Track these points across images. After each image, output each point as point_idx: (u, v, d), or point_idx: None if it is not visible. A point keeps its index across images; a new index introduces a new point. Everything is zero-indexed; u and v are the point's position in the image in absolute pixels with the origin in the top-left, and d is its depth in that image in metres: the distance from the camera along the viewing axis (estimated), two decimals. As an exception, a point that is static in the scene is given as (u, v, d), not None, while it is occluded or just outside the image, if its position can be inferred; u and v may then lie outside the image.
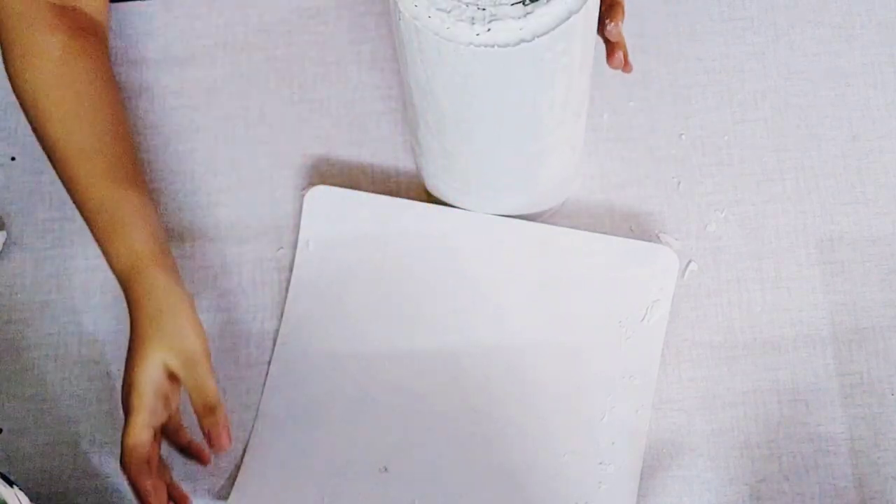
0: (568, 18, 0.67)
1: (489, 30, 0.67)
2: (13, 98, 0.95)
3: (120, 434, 0.79)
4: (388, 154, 0.93)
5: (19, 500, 0.70)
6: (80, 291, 0.90)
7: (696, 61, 0.95)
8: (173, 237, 0.91)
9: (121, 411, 0.84)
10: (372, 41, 0.96)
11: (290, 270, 0.89)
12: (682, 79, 0.94)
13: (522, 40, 0.67)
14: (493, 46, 0.67)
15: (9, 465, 0.85)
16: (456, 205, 0.88)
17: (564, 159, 0.84)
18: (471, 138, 0.77)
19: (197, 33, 0.97)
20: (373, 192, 0.91)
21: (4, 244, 0.91)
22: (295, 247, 0.90)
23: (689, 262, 0.89)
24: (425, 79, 0.73)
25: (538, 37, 0.67)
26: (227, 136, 0.94)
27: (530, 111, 0.74)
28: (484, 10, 0.67)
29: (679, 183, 0.91)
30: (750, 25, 0.95)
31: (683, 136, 0.92)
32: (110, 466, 0.85)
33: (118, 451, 0.83)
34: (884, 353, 0.85)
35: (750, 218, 0.90)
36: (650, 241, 0.87)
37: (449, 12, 0.67)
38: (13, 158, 0.94)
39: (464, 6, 0.67)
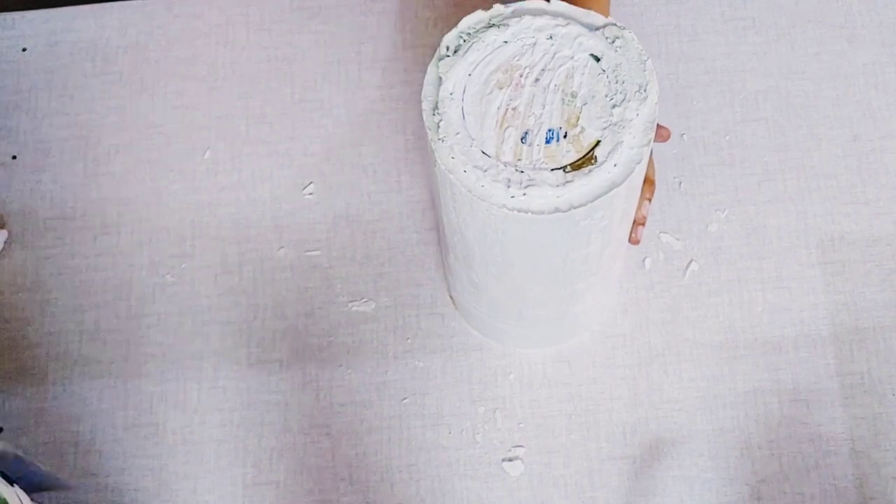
0: (609, 191, 0.64)
1: (525, 194, 0.64)
2: (14, 97, 0.96)
3: (123, 433, 0.79)
4: (388, 153, 0.93)
5: (20, 498, 0.70)
6: (80, 290, 0.90)
7: (697, 61, 0.95)
8: (174, 236, 0.91)
9: (123, 411, 0.85)
10: (372, 40, 0.96)
11: (291, 270, 0.89)
12: (682, 79, 0.94)
13: (557, 209, 0.64)
14: (526, 212, 0.64)
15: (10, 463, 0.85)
16: (482, 327, 0.87)
17: (598, 297, 0.82)
18: (500, 279, 0.75)
19: (198, 32, 0.98)
20: (374, 192, 0.91)
21: (5, 243, 0.91)
22: (296, 246, 0.90)
23: (691, 261, 0.89)
24: (457, 222, 0.70)
25: (574, 208, 0.64)
26: (227, 136, 0.94)
27: (563, 265, 0.72)
28: (522, 172, 0.64)
29: (680, 183, 0.91)
30: (751, 25, 0.96)
31: (685, 136, 0.92)
32: (111, 465, 0.85)
33: (120, 448, 0.85)
34: (885, 353, 0.86)
35: (751, 218, 0.90)
36: (652, 241, 0.88)
37: (485, 171, 0.64)
38: (14, 157, 0.94)
39: (501, 166, 0.64)
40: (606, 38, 0.67)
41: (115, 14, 0.98)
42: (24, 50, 0.97)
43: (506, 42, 0.67)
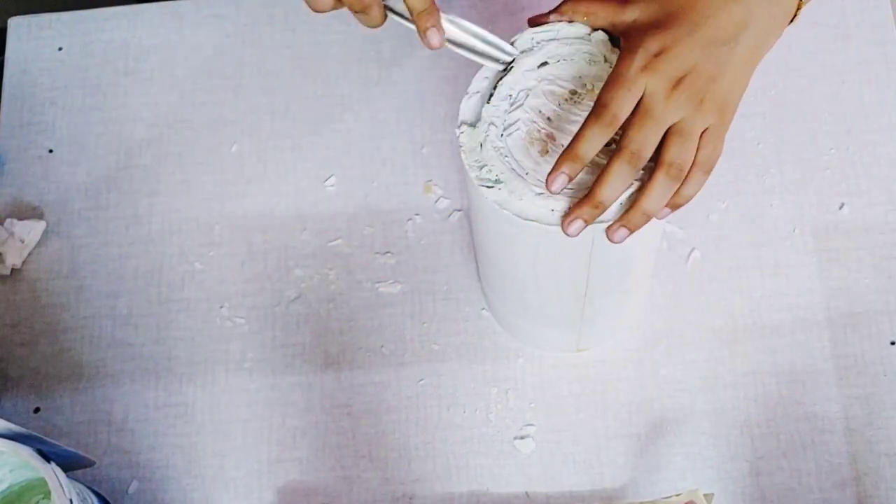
0: None
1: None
2: (50, 94, 0.96)
3: (154, 413, 0.80)
4: (405, 147, 0.94)
5: (56, 475, 0.71)
6: (114, 277, 0.92)
7: (699, 59, 0.96)
8: (202, 225, 0.93)
9: (154, 391, 0.86)
10: (391, 40, 0.97)
11: (313, 258, 0.91)
12: (685, 76, 0.96)
13: (603, 220, 0.66)
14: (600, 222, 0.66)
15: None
16: (521, 334, 0.87)
17: (640, 298, 0.86)
18: (559, 294, 0.77)
19: (225, 32, 0.99)
20: (392, 183, 0.93)
21: (43, 233, 0.93)
22: (318, 235, 0.92)
23: (693, 249, 0.90)
24: (510, 253, 0.73)
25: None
26: (253, 130, 0.96)
27: (609, 270, 0.74)
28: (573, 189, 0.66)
29: (683, 175, 0.93)
30: (750, 25, 0.97)
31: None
32: (143, 443, 0.87)
33: (151, 427, 0.86)
34: (877, 336, 0.86)
35: (750, 208, 0.91)
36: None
37: (547, 199, 0.66)
38: (51, 151, 0.96)
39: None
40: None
41: (146, 15, 1.00)
42: (59, 49, 0.99)
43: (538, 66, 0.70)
